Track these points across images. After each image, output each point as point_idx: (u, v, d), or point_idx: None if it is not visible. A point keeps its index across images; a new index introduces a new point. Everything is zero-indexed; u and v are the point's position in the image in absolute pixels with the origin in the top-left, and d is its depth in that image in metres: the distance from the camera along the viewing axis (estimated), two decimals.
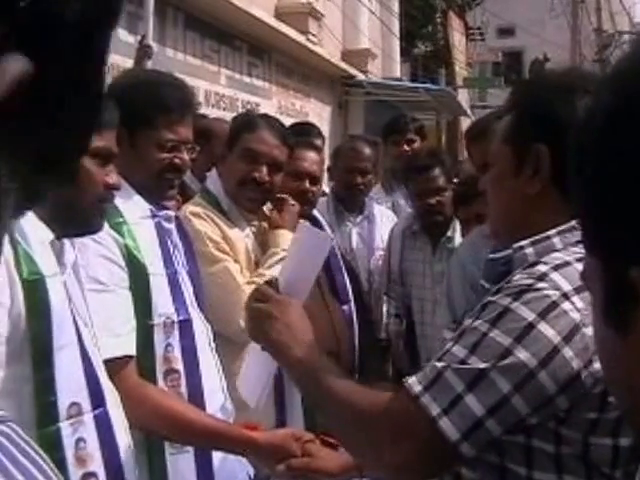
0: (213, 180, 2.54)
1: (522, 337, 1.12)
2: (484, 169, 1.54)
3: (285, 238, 2.46)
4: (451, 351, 1.17)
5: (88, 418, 1.49)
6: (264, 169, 2.43)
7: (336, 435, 1.34)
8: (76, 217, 1.56)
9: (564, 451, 1.16)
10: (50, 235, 1.49)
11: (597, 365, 1.09)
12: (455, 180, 3.22)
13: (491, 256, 1.38)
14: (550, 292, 1.13)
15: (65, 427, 1.44)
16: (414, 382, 1.18)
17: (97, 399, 1.52)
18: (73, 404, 1.46)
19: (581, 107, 1.25)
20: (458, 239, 3.07)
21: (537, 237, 1.24)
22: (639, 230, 0.41)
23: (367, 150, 3.56)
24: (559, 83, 1.31)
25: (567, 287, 1.14)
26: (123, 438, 1.59)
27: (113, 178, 1.62)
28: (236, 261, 2.37)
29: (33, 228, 1.45)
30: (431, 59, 20.27)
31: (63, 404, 1.44)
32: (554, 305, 1.12)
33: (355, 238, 3.50)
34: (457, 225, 3.06)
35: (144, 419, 1.76)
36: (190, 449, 1.90)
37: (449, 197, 3.10)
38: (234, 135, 2.50)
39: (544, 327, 1.11)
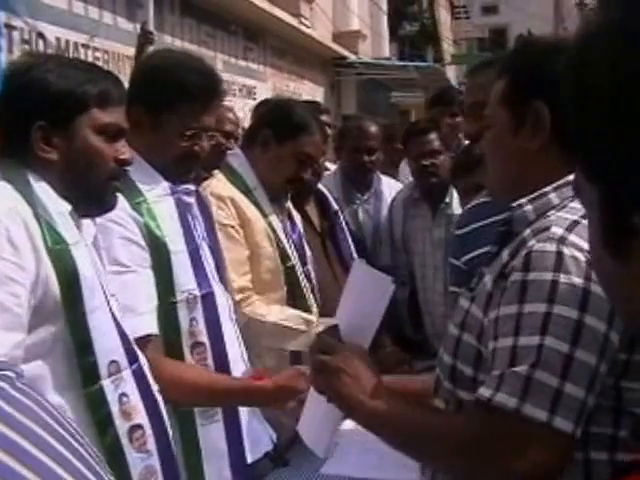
0: (240, 160, 2.54)
1: (585, 304, 1.09)
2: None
3: None
4: (519, 345, 1.11)
5: (127, 374, 1.55)
6: (310, 170, 2.58)
7: (436, 469, 1.31)
8: (88, 195, 1.56)
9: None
10: (68, 206, 1.52)
11: None
12: (451, 154, 3.35)
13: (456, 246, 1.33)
14: (577, 254, 1.12)
15: (107, 384, 1.51)
16: (503, 397, 1.11)
17: (132, 355, 1.59)
18: (112, 362, 1.52)
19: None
20: (456, 206, 3.15)
21: (534, 195, 1.25)
22: None
23: (373, 129, 3.63)
24: (547, 43, 1.32)
25: (586, 246, 1.08)
26: (157, 393, 1.67)
27: (125, 153, 1.60)
28: (249, 244, 2.41)
29: (52, 200, 1.49)
30: (418, 37, 20.38)
31: (103, 363, 1.50)
32: (590, 266, 1.10)
33: (362, 215, 3.63)
34: (454, 192, 3.14)
35: (164, 392, 1.74)
36: (220, 418, 1.94)
37: (444, 161, 3.24)
38: (289, 130, 2.48)
39: (596, 288, 1.08)
